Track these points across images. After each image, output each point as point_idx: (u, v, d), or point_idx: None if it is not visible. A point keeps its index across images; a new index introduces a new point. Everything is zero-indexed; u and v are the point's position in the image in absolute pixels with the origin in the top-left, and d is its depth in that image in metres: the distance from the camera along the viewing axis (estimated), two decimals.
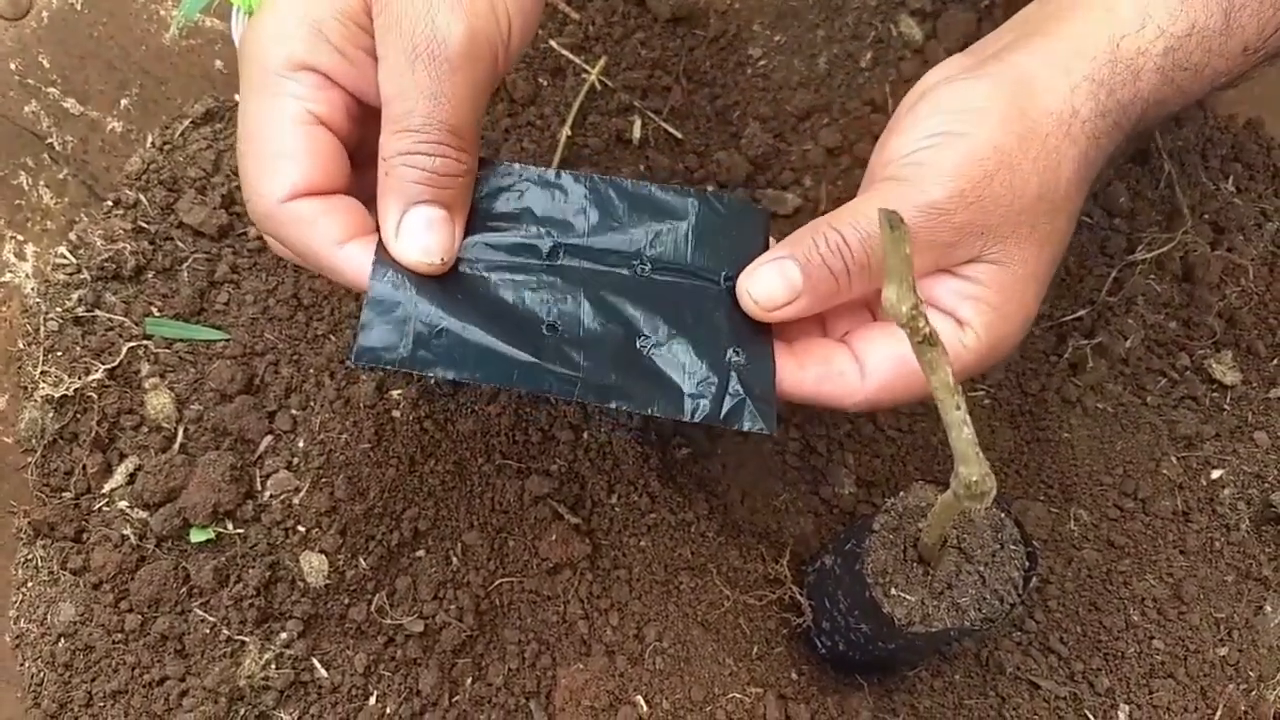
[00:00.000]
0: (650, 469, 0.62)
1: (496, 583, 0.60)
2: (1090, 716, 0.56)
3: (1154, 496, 0.62)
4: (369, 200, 0.46)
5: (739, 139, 0.77)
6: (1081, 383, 0.65)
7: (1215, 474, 0.62)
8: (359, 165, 0.47)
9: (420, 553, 0.60)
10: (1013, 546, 0.48)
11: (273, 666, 0.56)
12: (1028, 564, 0.48)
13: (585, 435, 0.61)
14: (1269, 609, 0.61)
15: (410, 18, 0.42)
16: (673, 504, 0.61)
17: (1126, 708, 0.57)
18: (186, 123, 0.70)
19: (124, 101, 0.70)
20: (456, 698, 0.58)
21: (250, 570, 0.58)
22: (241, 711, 0.56)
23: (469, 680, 0.58)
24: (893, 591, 0.48)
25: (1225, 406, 0.65)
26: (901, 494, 0.49)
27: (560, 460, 0.60)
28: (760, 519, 0.63)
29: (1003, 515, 0.49)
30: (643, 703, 0.56)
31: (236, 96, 0.74)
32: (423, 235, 0.44)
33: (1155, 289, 0.67)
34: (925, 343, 0.30)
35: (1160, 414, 0.64)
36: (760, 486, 0.64)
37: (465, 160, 0.44)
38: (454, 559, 0.60)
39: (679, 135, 0.76)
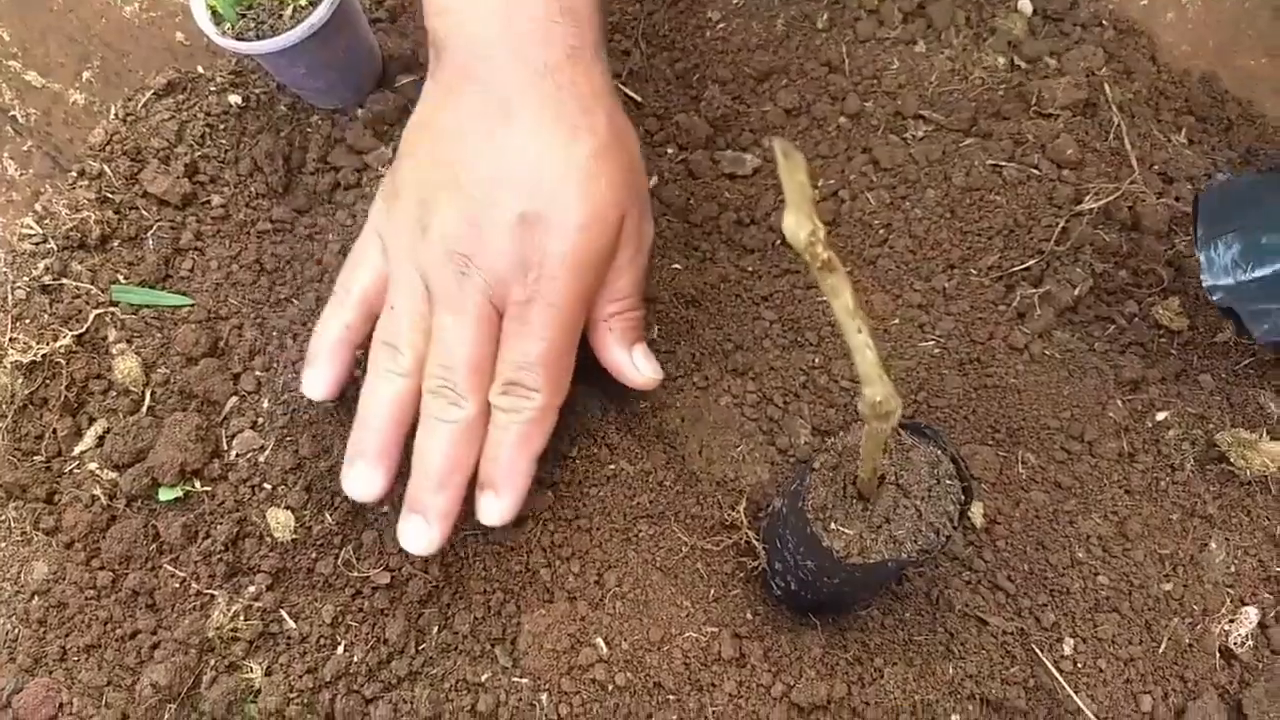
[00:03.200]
0: (609, 422, 0.64)
1: (461, 535, 0.61)
2: (1036, 650, 0.58)
3: (1100, 439, 0.63)
4: None
5: (699, 101, 0.79)
6: (1029, 330, 0.66)
7: (1160, 416, 0.64)
8: None
9: (386, 508, 0.61)
10: (948, 482, 0.50)
11: (241, 618, 0.57)
12: (963, 498, 0.49)
13: None
14: (1213, 546, 0.62)
15: None
16: (631, 455, 0.63)
17: (1072, 641, 0.58)
18: (149, 94, 0.71)
19: (86, 74, 0.71)
20: (423, 645, 0.59)
21: (218, 527, 0.59)
22: (212, 662, 0.57)
23: (435, 629, 0.60)
24: (832, 526, 0.49)
25: (1172, 352, 0.66)
26: (841, 433, 0.51)
27: None
28: (717, 469, 0.64)
29: (939, 453, 0.50)
30: (603, 644, 0.58)
31: (199, 68, 0.75)
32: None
33: (1103, 238, 0.68)
34: (825, 269, 0.31)
35: (1107, 359, 0.66)
36: (718, 438, 0.65)
37: None
38: None
39: (639, 99, 0.77)
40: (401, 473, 0.57)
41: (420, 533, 0.55)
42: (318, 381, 0.58)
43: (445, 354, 0.53)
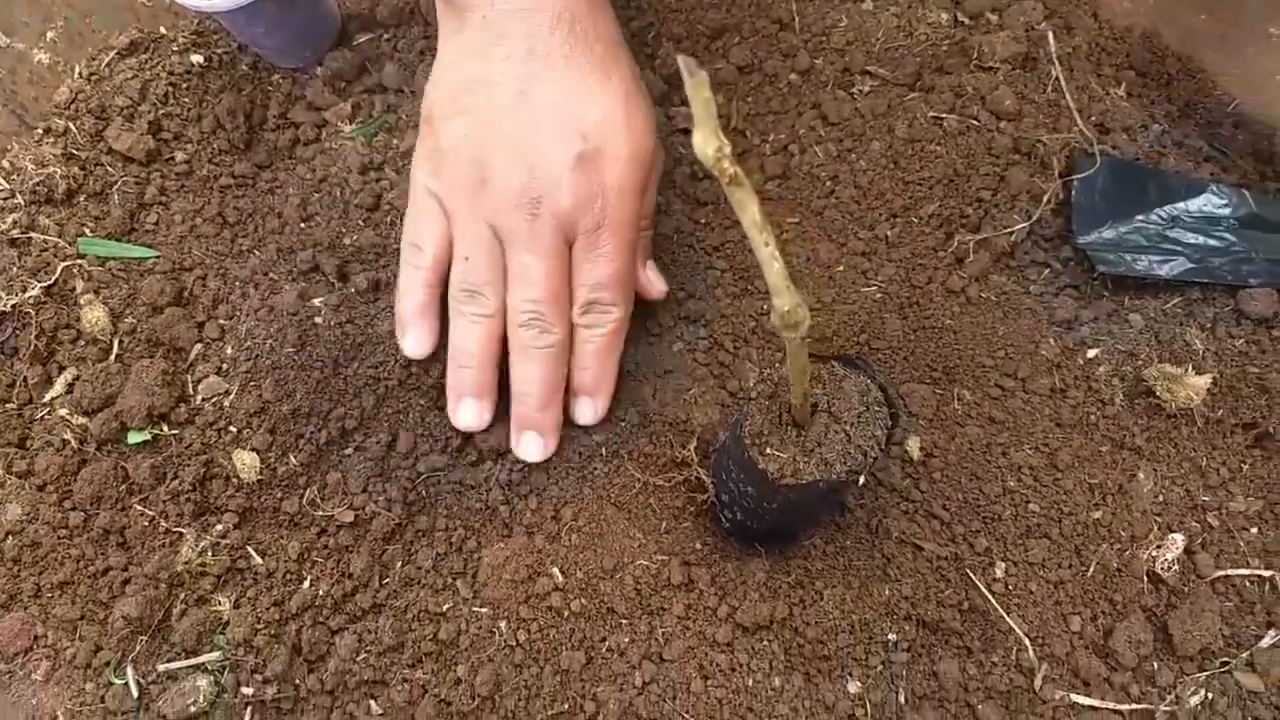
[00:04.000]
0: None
1: (423, 476, 0.64)
2: (970, 574, 0.61)
3: (1033, 375, 0.66)
4: None
5: (654, 59, 0.81)
6: (966, 275, 0.69)
7: (1091, 353, 0.67)
8: None
9: (349, 450, 0.64)
10: (877, 409, 0.53)
11: (209, 554, 0.60)
12: (890, 423, 0.52)
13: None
14: (1142, 476, 0.65)
15: None
16: None
17: (1003, 564, 0.61)
18: (112, 54, 0.73)
19: (50, 34, 0.72)
20: (387, 580, 0.62)
21: (186, 468, 0.61)
22: (181, 595, 0.60)
23: (399, 564, 0.62)
24: (768, 450, 0.52)
25: (1104, 293, 0.69)
26: (778, 365, 0.53)
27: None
28: (670, 411, 0.67)
29: (869, 382, 0.53)
30: (558, 573, 0.61)
31: (162, 28, 0.77)
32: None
33: (1040, 186, 0.71)
34: (733, 183, 0.34)
35: (1041, 301, 0.69)
36: (671, 382, 0.68)
37: None
38: (381, 455, 0.63)
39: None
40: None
41: (538, 446, 0.62)
42: (418, 342, 0.63)
43: (530, 290, 0.58)
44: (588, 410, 0.63)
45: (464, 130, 0.58)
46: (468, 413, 0.62)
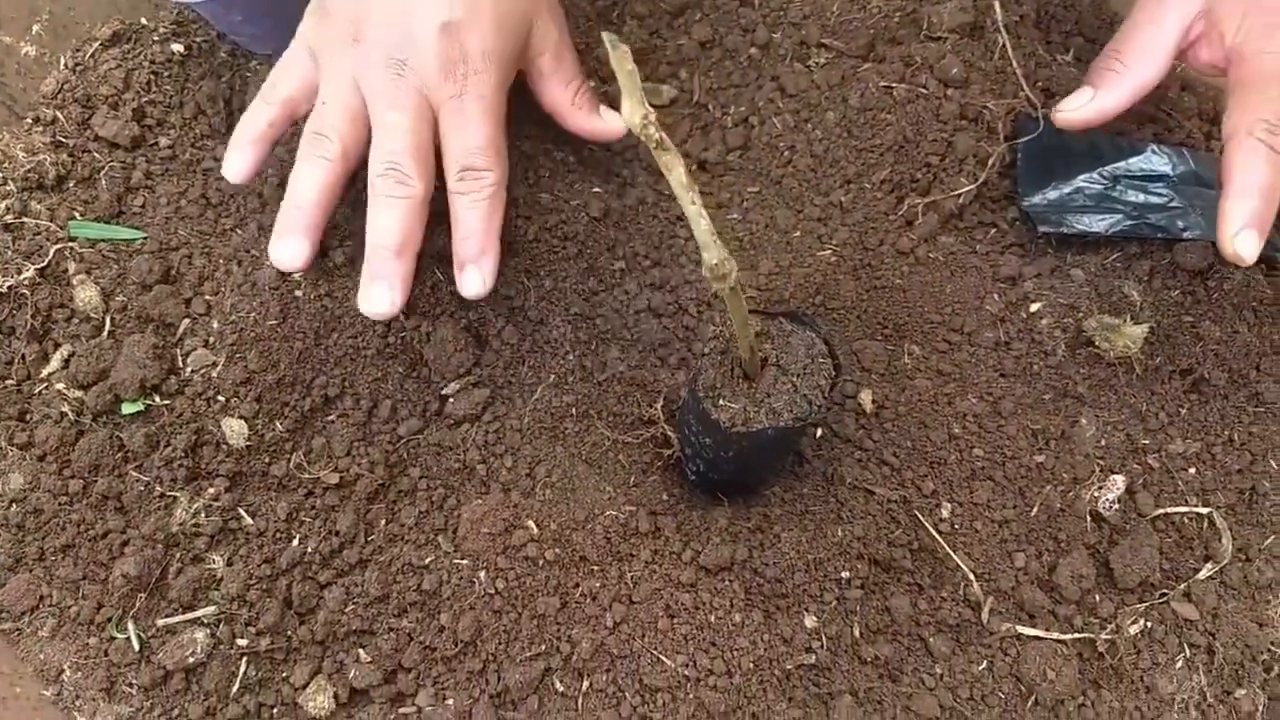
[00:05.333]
0: (536, 330, 0.69)
1: (403, 439, 0.67)
2: (918, 515, 0.65)
3: (978, 329, 0.70)
4: None
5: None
6: (915, 236, 0.72)
7: (1034, 307, 0.70)
8: None
9: (332, 416, 0.67)
10: (821, 360, 0.56)
11: (202, 515, 0.63)
12: (834, 373, 0.56)
13: (469, 314, 0.68)
14: (1084, 422, 0.69)
15: None
16: (556, 359, 0.69)
17: (949, 506, 0.65)
18: (96, 45, 0.76)
19: (35, 27, 0.75)
20: (372, 536, 0.66)
21: (178, 436, 0.65)
22: (177, 555, 0.63)
23: (383, 522, 0.66)
24: (720, 402, 0.56)
25: (1048, 251, 0.73)
26: (729, 321, 0.57)
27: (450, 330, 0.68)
28: (638, 373, 0.70)
29: (814, 336, 0.57)
30: (533, 525, 0.64)
31: (143, 19, 0.80)
32: None
33: (987, 149, 0.74)
34: (659, 148, 0.37)
35: (988, 260, 0.72)
36: (638, 345, 0.71)
37: None
38: (363, 420, 0.67)
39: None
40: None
41: (383, 296, 0.60)
42: (237, 166, 0.64)
43: (390, 142, 0.60)
44: (475, 278, 0.61)
45: None
46: (285, 248, 0.61)
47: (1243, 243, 0.60)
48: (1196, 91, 0.90)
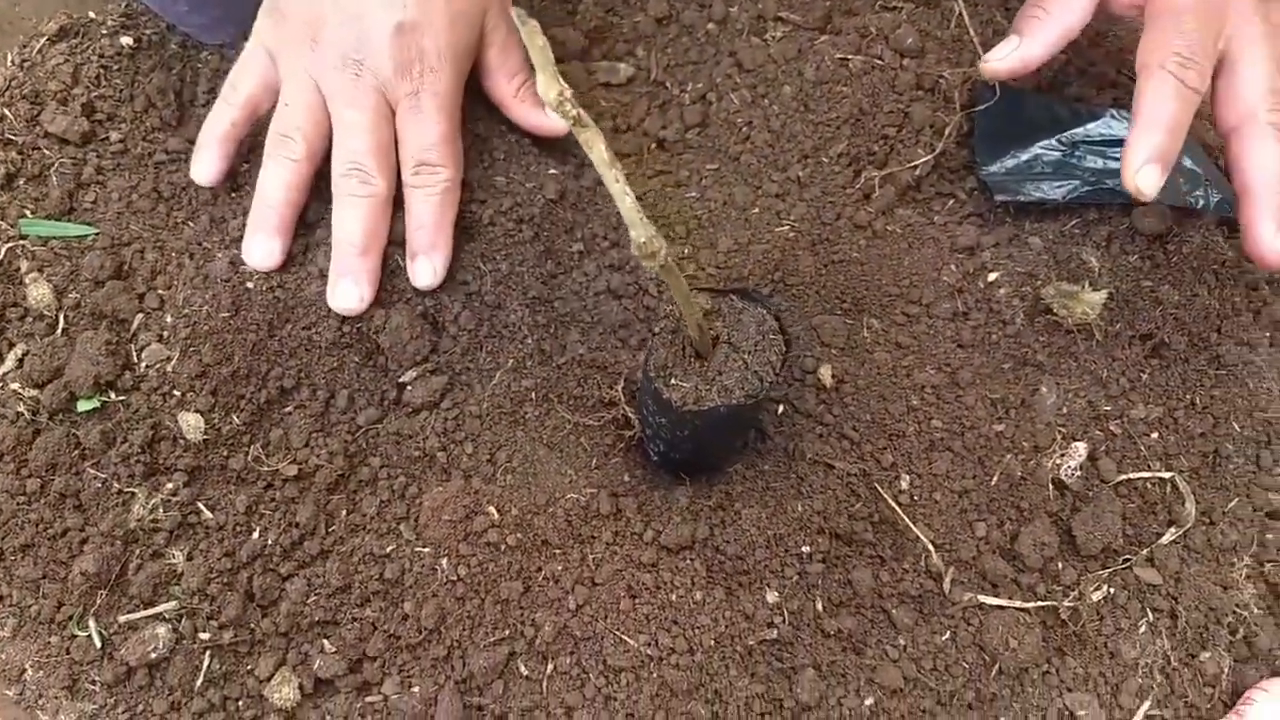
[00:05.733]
0: (495, 313, 0.69)
1: (362, 428, 0.67)
2: (878, 487, 0.65)
3: (936, 301, 0.69)
4: None
5: (574, 15, 0.83)
6: (873, 209, 0.72)
7: (992, 276, 0.70)
8: None
9: (289, 408, 0.67)
10: (772, 337, 0.56)
11: (160, 510, 0.63)
12: (784, 348, 0.56)
13: (425, 300, 0.67)
14: (1044, 390, 0.69)
15: None
16: (514, 344, 0.69)
17: (908, 478, 0.65)
18: (43, 40, 0.75)
19: None
20: (333, 527, 0.65)
21: (134, 432, 0.65)
22: (137, 551, 0.63)
23: (344, 512, 0.66)
24: (672, 381, 0.56)
25: (1006, 220, 0.72)
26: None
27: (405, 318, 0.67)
28: (598, 355, 0.70)
29: (764, 312, 0.57)
30: (494, 511, 0.64)
31: (91, 13, 0.79)
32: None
33: (943, 119, 0.74)
34: (578, 125, 0.37)
35: (945, 231, 0.72)
36: (598, 327, 0.71)
37: None
38: (320, 411, 0.67)
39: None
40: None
41: (351, 292, 0.63)
42: (205, 168, 0.68)
43: (352, 140, 0.63)
44: (426, 269, 0.64)
45: None
46: (258, 246, 0.64)
47: (1144, 177, 0.60)
48: None
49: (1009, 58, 0.68)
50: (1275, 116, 0.60)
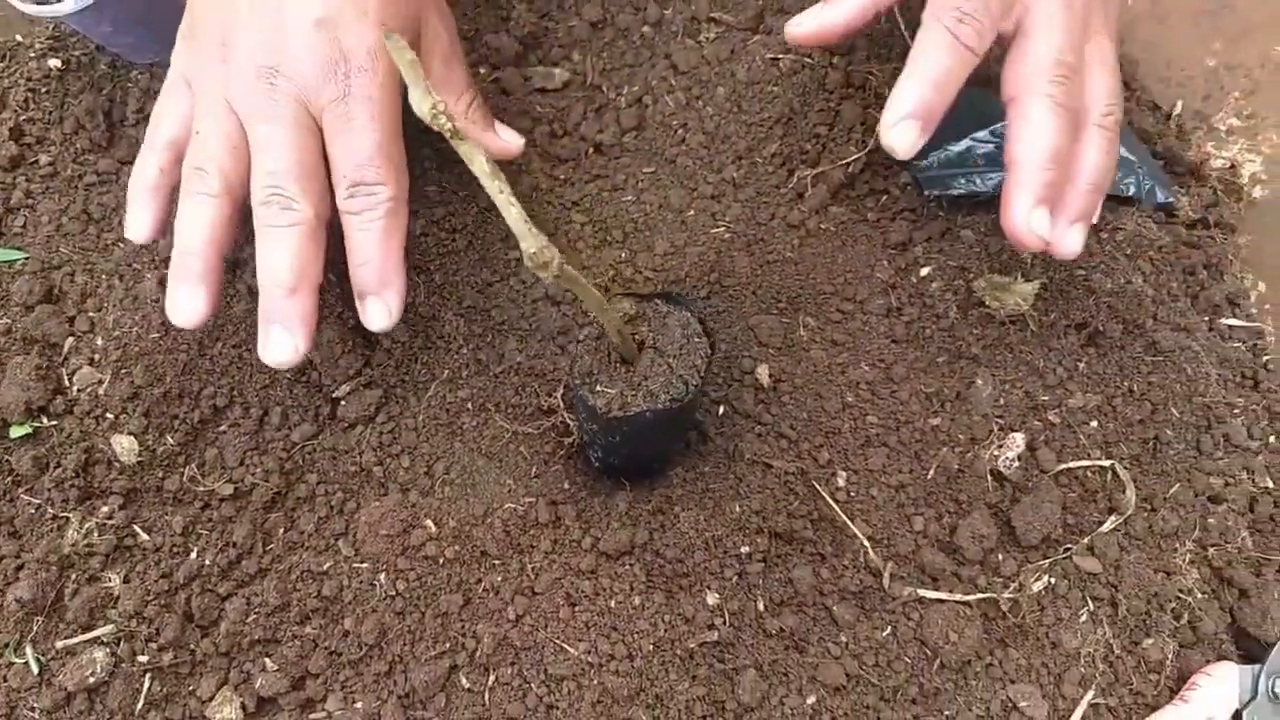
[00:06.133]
0: (429, 323, 0.69)
1: (297, 445, 0.67)
2: (815, 485, 0.65)
3: (869, 297, 0.70)
4: None
5: (507, 21, 0.83)
6: (806, 208, 0.72)
7: (924, 271, 0.70)
8: None
9: (223, 427, 0.67)
10: (696, 340, 0.56)
11: (95, 535, 0.63)
12: (709, 351, 0.56)
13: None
14: (980, 382, 0.69)
15: None
16: (450, 354, 0.69)
17: (844, 474, 0.65)
18: None
19: None
20: (270, 545, 0.65)
21: (68, 456, 0.64)
22: (73, 576, 0.63)
23: (281, 530, 0.66)
24: (597, 388, 0.56)
25: (939, 214, 0.73)
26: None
27: (337, 332, 0.67)
28: (537, 363, 0.70)
29: (688, 315, 0.57)
30: (431, 524, 0.64)
31: (18, 36, 0.78)
32: None
33: (874, 116, 0.74)
34: (455, 137, 0.36)
35: (878, 228, 0.72)
36: (535, 333, 0.71)
37: None
38: (254, 429, 0.66)
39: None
40: None
41: (284, 341, 0.55)
42: (137, 224, 0.59)
43: (269, 163, 0.54)
44: (379, 312, 0.57)
45: (212, 6, 0.57)
46: (182, 301, 0.56)
47: (899, 133, 0.56)
48: None
49: (806, 23, 0.64)
50: (1055, 89, 0.56)
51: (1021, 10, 0.59)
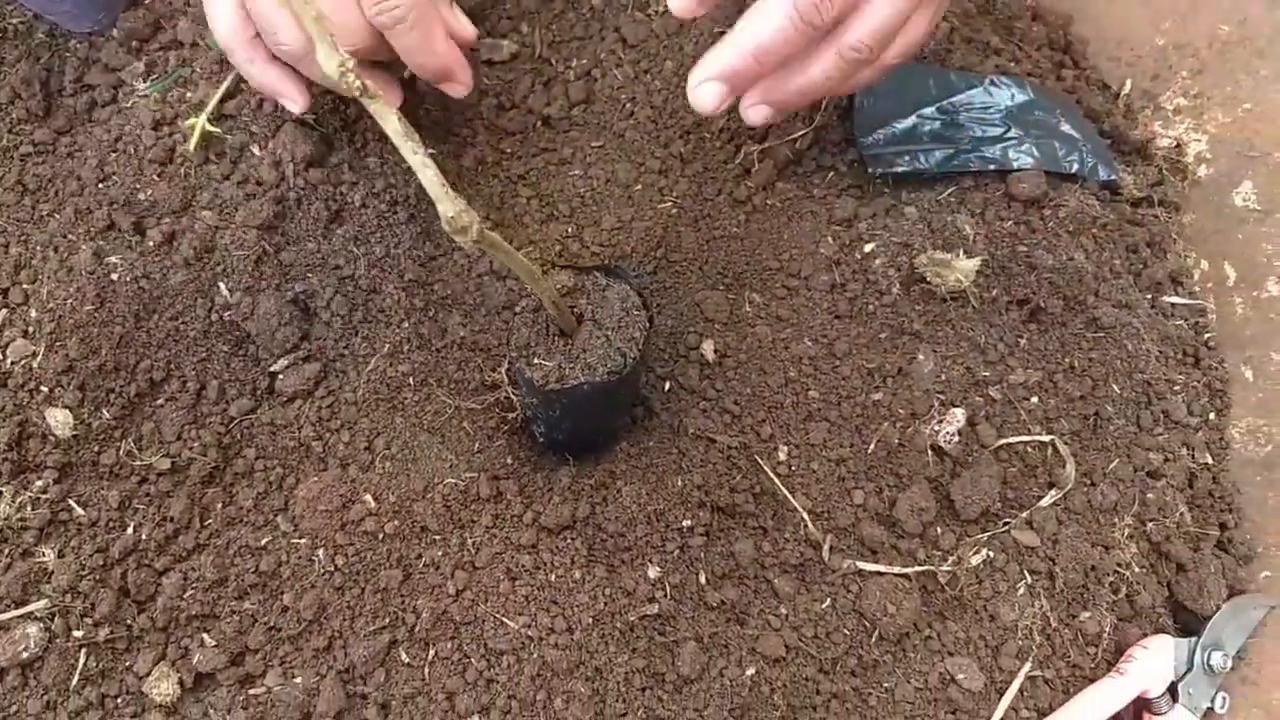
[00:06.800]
0: (370, 295, 0.68)
1: (235, 420, 0.66)
2: (757, 459, 0.65)
3: (814, 274, 0.70)
4: None
5: None
6: (753, 184, 0.72)
7: (868, 247, 0.70)
8: None
9: (160, 400, 0.66)
10: (636, 313, 0.56)
11: (29, 508, 0.62)
12: (647, 325, 0.56)
13: (295, 286, 0.67)
14: (922, 357, 0.69)
15: None
16: (390, 328, 0.68)
17: (785, 448, 0.66)
18: None
19: None
20: (208, 521, 0.65)
21: (0, 429, 0.63)
22: (5, 550, 0.62)
23: (220, 505, 0.65)
24: (535, 360, 0.55)
25: (885, 190, 0.73)
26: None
27: (274, 304, 0.66)
28: (481, 338, 0.70)
29: (628, 288, 0.56)
30: (371, 499, 0.64)
31: None
32: None
33: None
34: (365, 96, 0.36)
35: (824, 204, 0.72)
36: (481, 309, 0.70)
37: None
38: (192, 403, 0.66)
39: None
40: None
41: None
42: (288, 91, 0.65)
43: None
44: (456, 91, 0.65)
45: None
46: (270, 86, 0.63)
47: (702, 94, 0.56)
48: (1047, 21, 0.90)
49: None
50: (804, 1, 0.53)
51: None
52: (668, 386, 0.70)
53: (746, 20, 0.55)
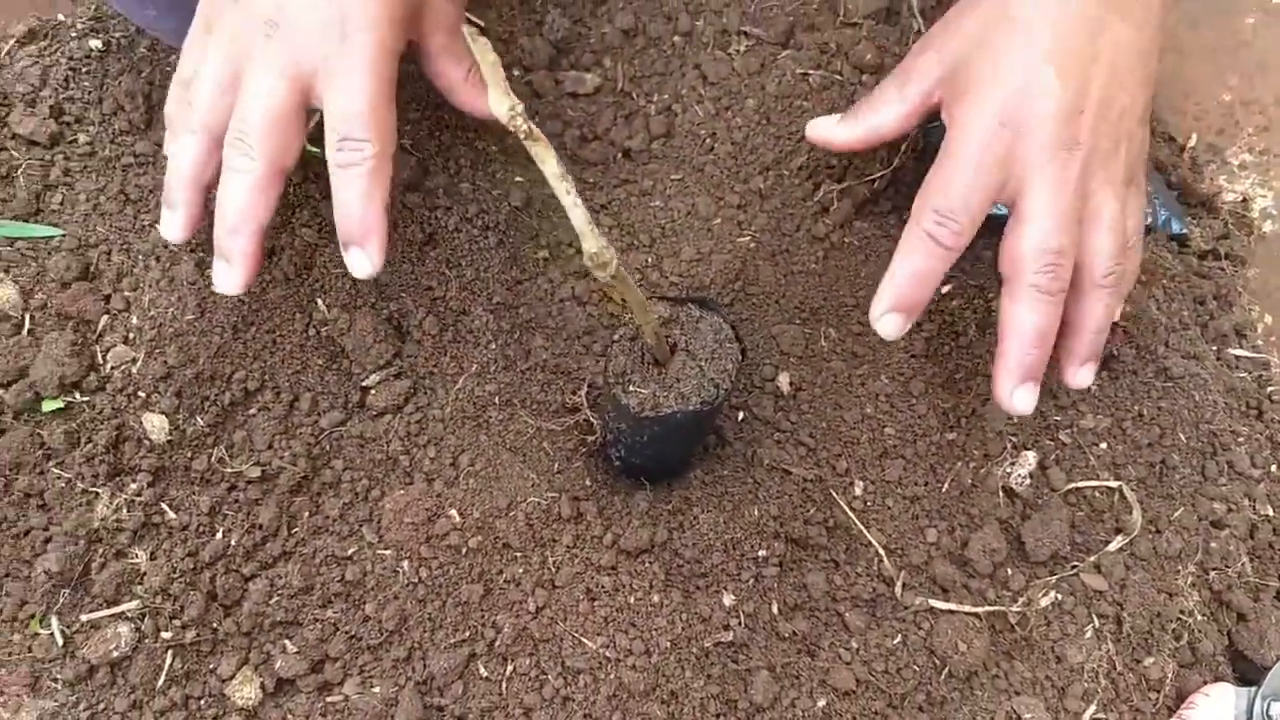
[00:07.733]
0: (459, 320, 0.70)
1: (326, 431, 0.68)
2: (832, 493, 0.67)
3: None
4: None
5: (541, 25, 0.84)
6: (830, 222, 0.74)
7: (945, 289, 0.72)
8: None
9: (253, 410, 0.68)
10: (728, 345, 0.58)
11: (124, 510, 0.64)
12: (740, 357, 0.57)
13: (389, 305, 0.68)
14: None
15: None
16: (478, 349, 0.70)
17: (861, 484, 0.67)
18: (11, 42, 0.75)
19: None
20: (295, 529, 0.66)
21: (99, 432, 0.65)
22: (100, 550, 0.64)
23: (306, 514, 0.67)
24: (630, 387, 0.57)
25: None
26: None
27: (369, 322, 0.68)
28: (562, 361, 0.71)
29: (720, 320, 0.58)
30: (456, 514, 0.65)
31: (60, 15, 0.79)
32: None
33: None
34: (529, 138, 0.38)
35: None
36: (561, 332, 0.72)
37: None
38: (284, 413, 0.68)
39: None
40: None
41: (224, 273, 0.59)
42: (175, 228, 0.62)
43: (243, 109, 0.57)
44: (360, 260, 0.58)
45: None
46: (163, 223, 0.61)
47: (885, 325, 0.59)
48: None
49: (816, 133, 0.68)
50: (1039, 279, 0.57)
51: (1015, 189, 0.59)
52: (741, 416, 0.71)
53: (897, 257, 0.60)
